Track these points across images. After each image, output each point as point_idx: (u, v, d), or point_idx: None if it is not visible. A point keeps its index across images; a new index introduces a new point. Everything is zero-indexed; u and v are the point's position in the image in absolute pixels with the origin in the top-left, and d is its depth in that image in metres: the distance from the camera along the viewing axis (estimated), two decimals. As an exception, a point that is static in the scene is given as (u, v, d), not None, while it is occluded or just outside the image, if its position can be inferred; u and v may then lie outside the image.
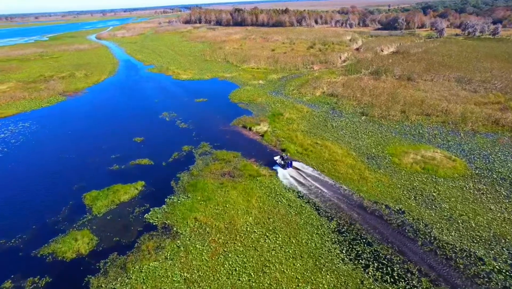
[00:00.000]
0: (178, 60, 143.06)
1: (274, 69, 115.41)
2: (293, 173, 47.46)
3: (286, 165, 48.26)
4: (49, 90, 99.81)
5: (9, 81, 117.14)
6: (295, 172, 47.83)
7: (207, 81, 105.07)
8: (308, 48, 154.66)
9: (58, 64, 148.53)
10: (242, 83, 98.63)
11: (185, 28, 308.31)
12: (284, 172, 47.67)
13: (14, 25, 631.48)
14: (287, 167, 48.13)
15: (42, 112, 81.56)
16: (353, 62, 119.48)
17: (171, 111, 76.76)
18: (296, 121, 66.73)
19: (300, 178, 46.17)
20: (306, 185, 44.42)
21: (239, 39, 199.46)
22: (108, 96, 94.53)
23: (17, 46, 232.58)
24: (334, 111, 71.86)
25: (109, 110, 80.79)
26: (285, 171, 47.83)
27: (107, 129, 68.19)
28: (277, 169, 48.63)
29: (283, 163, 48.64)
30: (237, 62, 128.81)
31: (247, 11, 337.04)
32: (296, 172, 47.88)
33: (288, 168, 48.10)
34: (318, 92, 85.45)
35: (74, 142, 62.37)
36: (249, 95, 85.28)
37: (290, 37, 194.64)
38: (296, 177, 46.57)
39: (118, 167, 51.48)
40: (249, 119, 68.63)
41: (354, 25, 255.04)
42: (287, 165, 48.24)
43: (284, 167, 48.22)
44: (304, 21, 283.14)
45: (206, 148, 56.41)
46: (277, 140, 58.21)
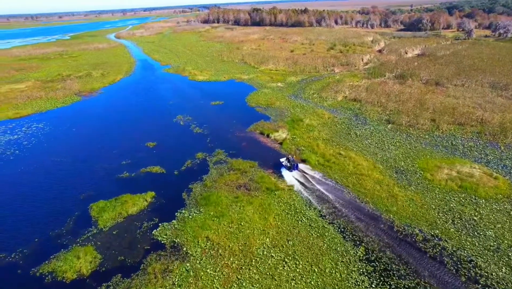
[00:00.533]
0: (195, 61, 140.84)
1: (293, 71, 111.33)
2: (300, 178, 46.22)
3: (292, 167, 47.40)
4: (65, 90, 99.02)
5: (28, 80, 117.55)
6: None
7: (223, 83, 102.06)
8: (328, 49, 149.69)
9: (76, 63, 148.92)
10: (259, 86, 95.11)
11: (203, 28, 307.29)
12: (289, 174, 46.85)
13: (39, 24, 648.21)
14: (293, 169, 47.29)
15: (57, 113, 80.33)
16: (376, 65, 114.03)
17: (186, 114, 73.97)
18: (317, 128, 62.67)
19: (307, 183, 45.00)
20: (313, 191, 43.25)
21: (257, 40, 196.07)
22: (122, 97, 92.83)
23: (39, 45, 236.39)
24: (358, 118, 67.39)
25: (122, 112, 78.79)
26: (290, 173, 46.91)
27: (119, 133, 65.98)
28: (282, 171, 47.89)
29: (289, 165, 47.85)
30: (255, 64, 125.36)
31: (265, 11, 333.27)
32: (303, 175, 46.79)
33: (294, 170, 47.28)
34: (340, 96, 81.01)
35: (85, 145, 60.32)
36: (267, 99, 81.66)
37: (310, 37, 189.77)
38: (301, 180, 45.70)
39: (128, 174, 48.84)
40: (267, 125, 65.03)
41: (376, 25, 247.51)
42: (293, 167, 47.37)
43: (290, 169, 47.36)
44: (324, 21, 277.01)
45: (221, 156, 53.13)
46: (297, 150, 54.37)
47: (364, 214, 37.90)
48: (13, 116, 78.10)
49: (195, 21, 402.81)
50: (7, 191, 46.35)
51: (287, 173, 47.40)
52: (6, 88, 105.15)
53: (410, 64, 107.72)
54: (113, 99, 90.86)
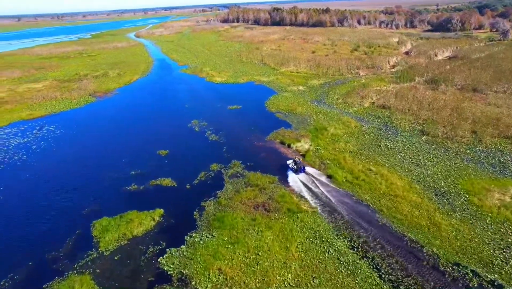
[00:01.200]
0: (213, 61, 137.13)
1: (316, 74, 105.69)
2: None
3: (299, 169, 46.10)
4: (80, 90, 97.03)
5: (46, 79, 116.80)
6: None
7: (242, 86, 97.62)
8: (352, 50, 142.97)
9: (94, 63, 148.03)
10: (280, 89, 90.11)
11: (222, 27, 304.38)
12: (295, 177, 45.52)
13: (64, 23, 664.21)
14: (300, 172, 45.98)
15: (70, 115, 77.96)
16: (404, 68, 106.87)
17: (201, 119, 69.86)
18: (343, 138, 57.19)
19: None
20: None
21: (277, 40, 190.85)
22: (137, 98, 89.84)
23: (61, 44, 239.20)
24: (388, 127, 61.44)
25: (136, 115, 75.53)
26: (296, 176, 45.59)
27: (131, 138, 62.46)
28: (288, 174, 46.63)
29: (295, 168, 46.51)
30: (275, 65, 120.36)
31: (286, 10, 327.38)
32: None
33: (300, 172, 45.96)
34: (367, 102, 75.05)
35: (95, 152, 57.08)
36: (287, 104, 76.61)
37: (332, 38, 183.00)
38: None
39: (137, 187, 44.96)
40: (287, 133, 60.06)
41: (401, 26, 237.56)
42: (299, 170, 46.08)
43: (297, 172, 46.03)
44: (346, 21, 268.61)
45: (238, 168, 48.55)
46: (321, 163, 49.16)
47: (403, 246, 32.44)
48: (26, 117, 76.21)
49: (214, 20, 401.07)
50: (6, 203, 43.30)
51: (293, 175, 45.87)
52: (24, 88, 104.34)
53: (442, 68, 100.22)
54: (127, 101, 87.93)
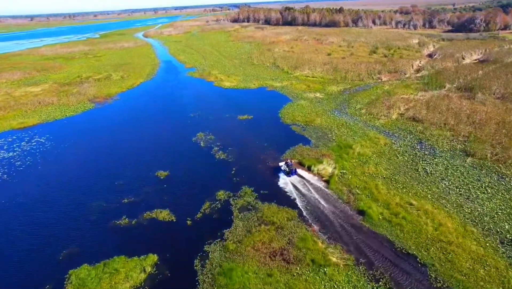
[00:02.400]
0: (222, 63, 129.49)
1: (333, 79, 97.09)
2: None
3: (290, 172, 45.39)
4: (79, 95, 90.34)
5: (46, 82, 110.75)
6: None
7: (253, 91, 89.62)
8: (370, 53, 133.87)
9: (98, 64, 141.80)
10: (295, 96, 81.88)
11: (232, 27, 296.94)
12: (286, 179, 44.78)
13: (75, 23, 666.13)
14: (291, 174, 45.23)
15: (64, 124, 71.11)
16: (431, 72, 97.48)
17: (208, 131, 62.10)
18: (372, 159, 48.80)
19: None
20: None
21: (290, 40, 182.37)
22: (138, 106, 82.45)
23: (68, 43, 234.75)
24: (423, 145, 52.80)
25: (135, 126, 68.11)
26: (288, 178, 44.84)
27: (127, 155, 54.87)
28: (280, 175, 45.92)
29: (287, 170, 45.75)
30: (288, 68, 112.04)
31: (298, 10, 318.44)
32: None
33: (292, 175, 45.21)
34: (394, 114, 66.38)
35: (85, 171, 49.72)
36: (305, 114, 68.41)
37: (347, 39, 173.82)
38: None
39: (128, 221, 37.35)
40: (306, 151, 51.90)
41: (419, 26, 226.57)
42: (291, 172, 45.37)
43: (288, 174, 45.34)
44: (361, 21, 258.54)
45: (249, 198, 40.60)
46: (350, 193, 40.90)
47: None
48: (16, 126, 69.60)
49: (224, 20, 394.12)
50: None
51: (284, 177, 45.26)
52: (21, 92, 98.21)
53: (474, 73, 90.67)
54: (128, 108, 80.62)
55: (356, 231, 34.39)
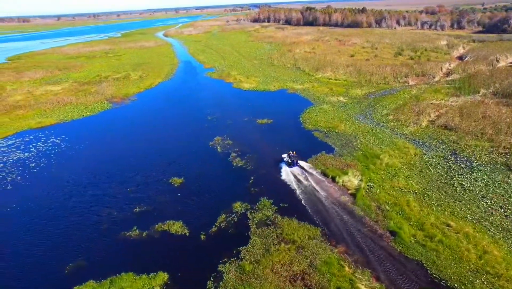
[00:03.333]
0: (242, 64, 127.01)
1: (357, 82, 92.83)
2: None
3: (292, 163, 47.01)
4: (97, 95, 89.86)
5: (66, 81, 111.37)
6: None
7: (273, 94, 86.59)
8: (396, 55, 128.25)
9: (118, 63, 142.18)
10: (317, 100, 78.33)
11: (253, 27, 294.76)
12: (287, 170, 46.63)
13: (99, 22, 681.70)
14: (293, 166, 46.85)
15: (81, 124, 70.28)
16: (462, 76, 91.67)
17: (226, 136, 59.54)
18: (402, 171, 44.92)
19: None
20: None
21: (311, 41, 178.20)
22: (156, 107, 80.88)
23: (91, 43, 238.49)
24: (457, 157, 48.40)
25: (151, 128, 66.30)
26: (289, 169, 46.67)
27: (142, 159, 52.97)
28: (281, 166, 47.87)
29: (289, 161, 47.46)
30: (309, 70, 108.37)
31: (319, 10, 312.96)
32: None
33: (294, 166, 46.83)
34: (424, 121, 61.91)
35: (97, 176, 48.01)
36: (327, 119, 64.87)
37: (371, 40, 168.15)
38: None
39: (139, 233, 35.13)
40: (330, 160, 48.49)
41: (446, 27, 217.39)
42: (293, 164, 46.99)
43: (290, 165, 47.00)
44: (384, 22, 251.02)
45: (268, 212, 37.66)
46: (378, 209, 37.33)
47: None
48: (35, 126, 69.26)
49: (244, 20, 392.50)
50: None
51: (286, 168, 47.02)
52: (42, 91, 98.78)
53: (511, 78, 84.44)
54: (145, 109, 79.13)
55: (387, 255, 30.89)
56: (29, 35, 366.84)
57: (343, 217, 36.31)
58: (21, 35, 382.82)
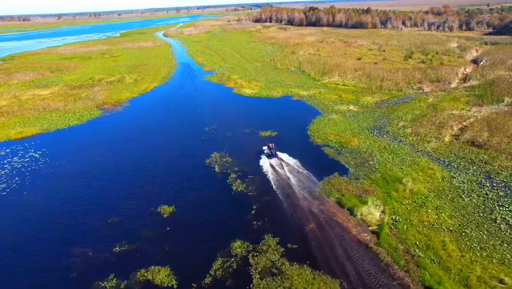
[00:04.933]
0: (243, 67, 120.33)
1: (367, 88, 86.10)
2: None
3: (272, 155, 48.37)
4: (87, 101, 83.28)
5: (57, 84, 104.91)
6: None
7: (276, 101, 79.93)
8: (405, 58, 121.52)
9: (114, 65, 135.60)
10: (325, 108, 71.66)
11: (254, 27, 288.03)
12: (266, 161, 48.18)
13: (99, 21, 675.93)
14: (272, 157, 48.17)
15: (65, 135, 63.71)
16: (481, 82, 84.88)
17: (224, 151, 52.84)
18: (430, 200, 38.23)
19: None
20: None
21: (315, 42, 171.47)
22: (148, 115, 73.98)
23: (87, 43, 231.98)
24: (493, 182, 41.72)
25: (141, 142, 59.23)
26: (268, 160, 48.14)
27: (127, 181, 46.12)
28: (261, 157, 49.69)
29: (269, 153, 48.80)
30: (315, 74, 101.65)
31: (322, 10, 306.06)
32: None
33: (273, 158, 48.08)
34: (447, 135, 55.19)
35: (73, 203, 41.29)
36: (338, 132, 58.19)
37: (378, 42, 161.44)
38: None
39: (116, 283, 28.50)
40: (344, 184, 41.86)
41: (455, 28, 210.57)
42: (272, 155, 48.34)
43: (270, 157, 48.38)
44: (390, 22, 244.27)
45: (273, 255, 30.97)
46: (407, 253, 30.61)
47: None
48: (14, 136, 62.68)
49: (246, 20, 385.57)
50: None
51: (265, 159, 48.73)
52: (29, 95, 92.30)
53: (535, 85, 77.72)
54: (136, 118, 72.26)
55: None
56: (26, 34, 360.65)
57: (365, 264, 29.64)
58: (19, 34, 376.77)
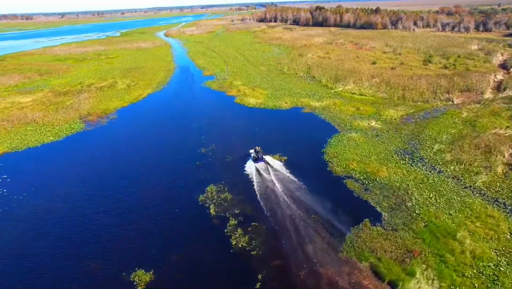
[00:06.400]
0: (247, 71, 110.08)
1: (388, 99, 75.48)
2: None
3: (258, 159, 46.84)
4: (71, 110, 73.62)
5: (42, 89, 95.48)
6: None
7: (285, 113, 69.63)
8: (424, 62, 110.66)
9: (108, 67, 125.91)
10: (342, 124, 61.26)
11: (259, 27, 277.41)
12: (252, 164, 46.78)
13: (101, 20, 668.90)
14: (259, 161, 46.65)
15: (36, 156, 53.86)
16: (519, 93, 74.10)
17: (223, 184, 42.67)
18: (502, 270, 27.82)
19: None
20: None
21: (324, 44, 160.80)
22: (136, 130, 63.96)
23: (84, 42, 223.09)
24: None
25: (122, 170, 49.08)
26: (253, 164, 46.63)
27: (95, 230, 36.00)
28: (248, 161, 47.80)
29: (256, 157, 47.16)
30: (327, 81, 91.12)
31: (330, 10, 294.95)
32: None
33: (259, 162, 46.58)
34: (498, 164, 44.70)
35: (25, 259, 31.43)
36: (361, 157, 47.81)
37: (391, 44, 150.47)
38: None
39: None
40: (380, 240, 31.55)
41: (471, 29, 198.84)
42: (258, 159, 46.80)
43: (256, 161, 46.79)
44: (401, 23, 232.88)
45: None
46: None
47: None
48: (-25, 157, 53.04)
49: (250, 19, 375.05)
50: None
51: (251, 163, 47.06)
52: (8, 102, 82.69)
53: None
54: (122, 134, 62.34)
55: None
56: (25, 33, 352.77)
57: None
58: (18, 33, 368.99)
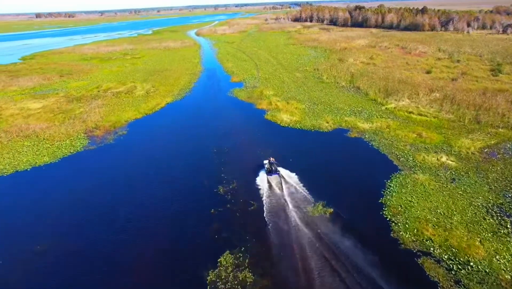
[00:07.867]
0: (280, 78, 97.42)
1: (457, 121, 59.89)
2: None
3: (272, 171, 42.84)
4: (78, 122, 64.67)
5: (57, 93, 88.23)
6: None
7: (326, 137, 56.25)
8: (493, 71, 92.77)
9: (131, 69, 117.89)
10: (402, 158, 47.04)
11: (293, 27, 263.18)
12: (264, 177, 42.83)
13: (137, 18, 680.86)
14: (272, 174, 42.73)
15: (21, 184, 44.30)
16: None
17: (242, 252, 30.37)
18: None
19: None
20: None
21: (366, 47, 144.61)
22: (144, 153, 52.56)
23: (115, 41, 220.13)
24: None
25: (125, 206, 38.51)
26: (266, 176, 42.81)
27: None
28: (260, 172, 43.76)
29: (270, 169, 43.14)
30: (375, 94, 76.42)
31: (370, 10, 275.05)
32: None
33: (273, 174, 42.71)
34: None
35: None
36: (438, 218, 33.73)
37: (444, 48, 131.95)
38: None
39: None
40: None
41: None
42: (272, 171, 42.79)
43: (270, 173, 42.92)
44: (452, 24, 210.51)
45: None
46: None
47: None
48: (-49, 183, 44.33)
49: (284, 18, 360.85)
50: None
51: (264, 176, 43.05)
52: (17, 108, 75.39)
53: None
54: (127, 158, 51.33)
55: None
56: (62, 31, 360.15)
57: None
58: (57, 30, 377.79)
